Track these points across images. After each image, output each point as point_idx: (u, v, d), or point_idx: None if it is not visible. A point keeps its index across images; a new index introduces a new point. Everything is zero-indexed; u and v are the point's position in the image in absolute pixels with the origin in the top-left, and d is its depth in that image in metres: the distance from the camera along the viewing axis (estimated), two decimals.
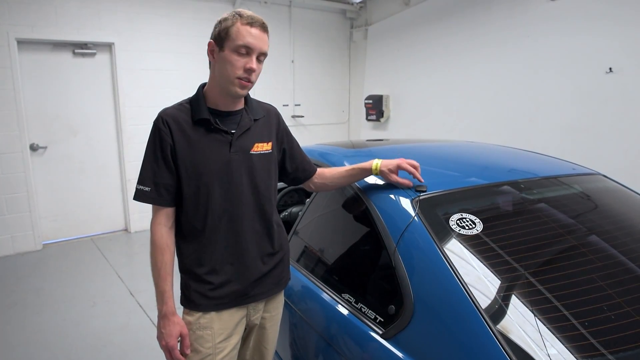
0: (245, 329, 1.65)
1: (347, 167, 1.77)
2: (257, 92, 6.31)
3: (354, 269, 1.73)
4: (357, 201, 1.76)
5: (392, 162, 1.65)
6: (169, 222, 1.51)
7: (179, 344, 1.49)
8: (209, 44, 1.49)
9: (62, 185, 5.13)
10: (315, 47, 6.85)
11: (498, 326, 1.17)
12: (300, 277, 1.87)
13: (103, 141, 5.32)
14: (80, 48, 5.02)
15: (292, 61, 6.61)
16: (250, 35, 1.44)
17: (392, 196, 1.62)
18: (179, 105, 1.54)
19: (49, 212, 5.11)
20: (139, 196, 1.49)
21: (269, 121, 1.66)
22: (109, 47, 5.18)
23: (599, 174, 2.05)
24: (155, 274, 1.48)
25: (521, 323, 1.18)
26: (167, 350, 1.47)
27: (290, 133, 1.76)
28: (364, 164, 1.70)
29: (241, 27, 1.43)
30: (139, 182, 1.50)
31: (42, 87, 4.89)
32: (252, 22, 1.45)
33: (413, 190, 1.60)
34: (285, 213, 2.86)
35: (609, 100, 4.00)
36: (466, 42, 5.31)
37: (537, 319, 1.19)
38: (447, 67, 5.61)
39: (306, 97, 6.84)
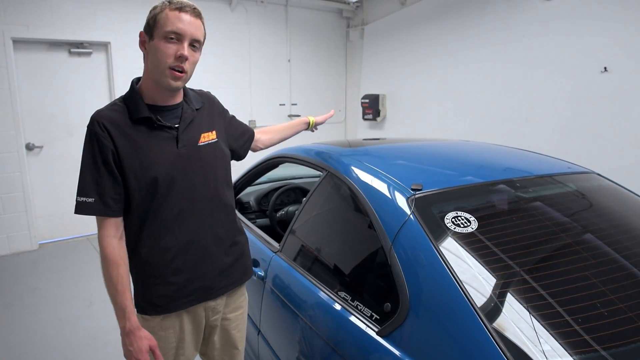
0: (205, 329, 1.64)
1: (287, 123, 2.05)
2: (254, 92, 6.33)
3: (350, 267, 1.74)
4: (353, 200, 1.77)
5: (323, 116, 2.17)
6: (118, 232, 1.41)
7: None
8: (140, 34, 1.40)
9: (58, 185, 5.11)
10: (311, 46, 6.85)
11: (493, 323, 1.17)
12: (296, 275, 1.87)
13: None
14: (76, 47, 5.01)
15: (289, 60, 6.62)
16: (179, 21, 1.35)
17: (388, 194, 1.63)
18: (113, 106, 1.43)
19: (45, 212, 5.09)
20: (82, 209, 1.37)
21: (210, 108, 1.62)
22: (105, 46, 5.17)
23: (594, 172, 2.06)
24: (112, 290, 1.38)
25: (516, 320, 1.19)
26: None
27: (227, 111, 1.73)
28: (301, 119, 2.08)
29: (170, 13, 1.35)
30: (80, 193, 1.38)
31: (38, 86, 4.87)
32: (181, 7, 1.36)
33: (409, 188, 1.61)
34: (281, 212, 2.87)
35: (604, 99, 4.02)
36: (462, 41, 5.32)
37: (531, 316, 1.20)
38: (443, 66, 5.63)
39: (303, 97, 6.85)
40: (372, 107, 6.56)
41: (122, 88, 5.20)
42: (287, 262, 1.98)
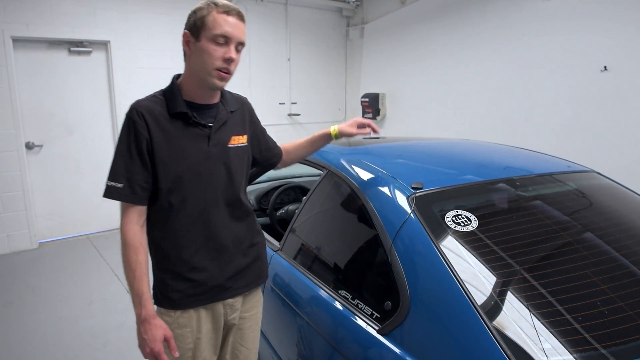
0: (223, 328, 1.63)
1: (308, 137, 1.86)
2: (254, 91, 6.32)
3: (350, 266, 1.74)
4: (353, 198, 1.77)
5: (348, 122, 1.80)
6: (140, 220, 1.44)
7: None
8: (184, 34, 1.43)
9: (58, 184, 5.11)
10: (311, 45, 6.85)
11: (493, 321, 1.18)
12: (297, 274, 1.87)
13: (99, 140, 5.31)
14: (76, 46, 5.01)
15: (289, 59, 6.61)
16: (227, 24, 1.39)
17: (388, 193, 1.64)
18: (153, 97, 1.47)
19: (45, 211, 5.09)
20: (111, 193, 1.40)
21: (243, 113, 1.64)
22: (104, 45, 5.16)
23: (593, 171, 2.07)
24: (130, 276, 1.39)
25: (516, 318, 1.20)
26: (153, 356, 1.38)
27: (259, 121, 1.75)
28: (323, 131, 1.81)
29: (217, 16, 1.38)
30: (110, 178, 1.40)
31: (38, 85, 4.87)
32: (228, 11, 1.40)
33: (409, 187, 1.61)
34: (282, 211, 2.87)
35: (604, 98, 4.02)
36: (462, 40, 5.32)
37: (531, 314, 1.20)
38: (443, 65, 5.63)
39: (302, 96, 6.84)
40: (372, 106, 6.56)
41: (121, 87, 5.21)
42: (288, 260, 1.98)
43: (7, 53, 4.55)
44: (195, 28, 1.40)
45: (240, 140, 1.57)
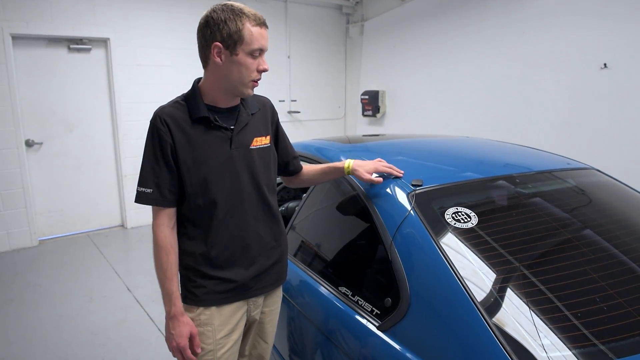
0: (246, 324, 1.65)
1: (323, 165, 1.82)
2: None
3: (350, 263, 1.75)
4: (353, 195, 1.78)
5: (367, 164, 1.69)
6: (171, 222, 1.49)
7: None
8: (216, 46, 1.41)
9: (58, 182, 5.12)
10: (311, 42, 6.84)
11: (493, 318, 1.18)
12: (297, 271, 1.88)
13: (99, 137, 5.31)
14: (76, 44, 5.00)
15: (288, 57, 6.61)
16: (262, 38, 1.44)
17: (388, 190, 1.64)
18: (175, 103, 1.50)
19: (45, 208, 5.09)
20: (141, 199, 1.45)
21: (265, 114, 1.65)
22: (104, 42, 5.16)
23: (593, 168, 2.07)
24: (161, 276, 1.46)
25: (516, 315, 1.20)
26: (178, 351, 1.46)
27: (281, 126, 1.76)
28: (337, 163, 1.74)
29: (253, 30, 1.42)
30: (140, 184, 1.46)
31: (38, 82, 4.87)
32: (261, 23, 1.45)
33: (409, 184, 1.61)
34: (282, 208, 2.87)
35: (604, 96, 4.02)
36: (462, 38, 5.32)
37: (531, 311, 1.21)
38: (442, 63, 5.62)
39: (302, 93, 6.84)
40: (371, 103, 6.56)
41: (121, 84, 5.20)
42: (288, 258, 1.98)
43: (6, 50, 4.54)
44: (231, 41, 1.40)
45: (263, 142, 1.59)
